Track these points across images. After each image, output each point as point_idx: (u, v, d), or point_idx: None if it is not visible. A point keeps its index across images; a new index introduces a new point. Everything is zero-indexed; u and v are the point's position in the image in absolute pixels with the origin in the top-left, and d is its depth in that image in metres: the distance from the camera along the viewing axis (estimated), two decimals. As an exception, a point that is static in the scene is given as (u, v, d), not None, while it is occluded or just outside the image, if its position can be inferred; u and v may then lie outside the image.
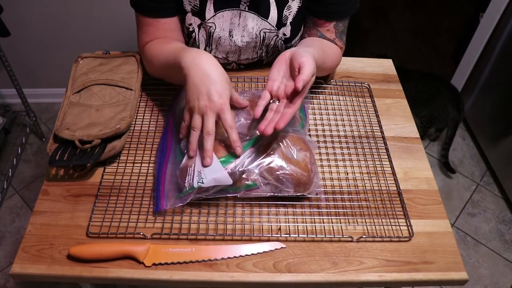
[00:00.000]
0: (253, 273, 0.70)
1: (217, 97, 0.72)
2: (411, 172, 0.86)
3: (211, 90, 0.72)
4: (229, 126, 0.73)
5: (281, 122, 0.71)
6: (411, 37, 2.73)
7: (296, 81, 0.71)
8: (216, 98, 0.72)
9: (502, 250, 1.72)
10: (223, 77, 0.75)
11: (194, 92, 0.73)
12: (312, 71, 0.73)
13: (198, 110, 0.73)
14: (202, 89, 0.73)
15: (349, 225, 0.76)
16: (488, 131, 2.01)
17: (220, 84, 0.73)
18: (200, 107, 0.73)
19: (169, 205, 0.74)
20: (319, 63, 0.82)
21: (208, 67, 0.75)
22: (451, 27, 2.77)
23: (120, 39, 1.86)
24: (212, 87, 0.73)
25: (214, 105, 0.72)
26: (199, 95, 0.73)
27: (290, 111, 0.73)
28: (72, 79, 0.93)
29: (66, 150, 0.80)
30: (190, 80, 0.74)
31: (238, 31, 0.94)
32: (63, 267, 0.69)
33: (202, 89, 0.73)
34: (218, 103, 0.72)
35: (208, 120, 0.72)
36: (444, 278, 0.72)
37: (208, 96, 0.72)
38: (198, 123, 0.73)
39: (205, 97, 0.72)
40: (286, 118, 0.72)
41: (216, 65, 0.76)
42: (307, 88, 0.74)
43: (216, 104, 0.72)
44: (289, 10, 0.93)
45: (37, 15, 1.80)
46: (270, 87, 0.77)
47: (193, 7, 0.91)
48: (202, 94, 0.73)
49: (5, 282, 1.54)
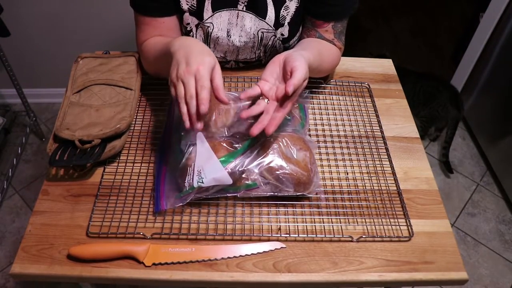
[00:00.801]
0: (253, 273, 0.70)
1: (195, 63, 0.70)
2: (411, 172, 0.86)
3: (189, 57, 0.71)
4: (201, 86, 0.70)
5: (270, 127, 0.71)
6: (411, 37, 2.73)
7: (287, 85, 0.70)
8: (195, 63, 0.70)
9: (502, 250, 1.72)
10: (205, 50, 0.74)
11: (174, 66, 0.72)
12: (304, 76, 0.73)
13: (177, 78, 0.71)
14: (182, 59, 0.72)
15: (349, 225, 0.76)
16: (488, 131, 2.01)
17: (201, 54, 0.72)
18: (179, 74, 0.71)
19: (169, 205, 0.74)
20: (314, 65, 0.82)
21: (191, 43, 0.74)
22: (451, 27, 2.77)
23: (120, 39, 1.86)
24: (191, 55, 0.71)
25: (191, 68, 0.70)
26: (178, 65, 0.72)
27: (280, 115, 0.73)
28: (72, 79, 0.93)
29: (66, 150, 0.80)
30: (174, 59, 0.74)
31: (236, 31, 0.94)
32: (63, 267, 0.69)
33: (181, 60, 0.72)
34: (195, 66, 0.70)
35: (188, 84, 0.70)
36: (444, 278, 0.72)
37: (187, 62, 0.71)
38: (181, 90, 0.71)
39: (184, 64, 0.71)
40: (275, 122, 0.72)
41: (199, 42, 0.75)
42: (298, 92, 0.74)
43: (193, 67, 0.70)
44: (286, 10, 0.93)
45: (37, 15, 1.80)
46: (261, 86, 0.76)
47: (190, 6, 0.91)
48: (181, 63, 0.71)
49: (5, 282, 1.54)
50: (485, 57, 2.03)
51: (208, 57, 0.72)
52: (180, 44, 0.76)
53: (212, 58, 0.73)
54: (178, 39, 0.78)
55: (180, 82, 0.71)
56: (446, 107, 1.94)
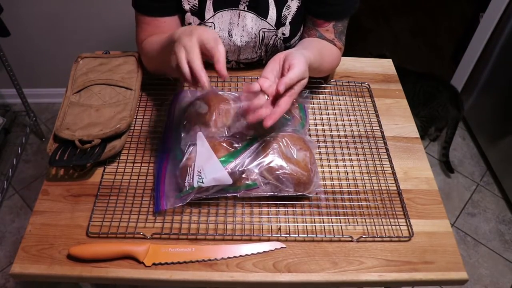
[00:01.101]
0: (253, 273, 0.70)
1: (199, 31, 0.71)
2: (411, 172, 0.86)
3: (193, 31, 0.71)
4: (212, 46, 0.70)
5: (269, 120, 0.70)
6: (411, 37, 2.73)
7: (278, 83, 0.70)
8: (198, 31, 0.70)
9: (502, 250, 1.72)
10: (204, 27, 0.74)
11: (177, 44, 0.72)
12: (300, 74, 0.72)
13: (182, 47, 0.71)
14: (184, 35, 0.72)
15: (349, 225, 0.76)
16: (488, 131, 2.01)
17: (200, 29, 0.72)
18: (183, 43, 0.70)
19: (169, 205, 0.74)
20: (315, 65, 0.82)
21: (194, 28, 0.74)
22: (451, 27, 2.77)
23: (120, 39, 1.86)
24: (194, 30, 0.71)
25: (194, 35, 0.70)
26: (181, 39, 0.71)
27: (279, 110, 0.72)
28: (72, 79, 0.93)
29: (66, 150, 0.80)
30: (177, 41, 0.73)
31: (237, 31, 0.94)
32: (63, 267, 0.69)
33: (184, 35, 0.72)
34: (199, 32, 0.70)
35: (192, 48, 0.69)
36: (444, 278, 0.72)
37: (190, 34, 0.71)
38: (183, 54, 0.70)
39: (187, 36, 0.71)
40: (274, 116, 0.72)
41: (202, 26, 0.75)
42: (297, 90, 0.73)
43: (196, 34, 0.70)
44: (288, 10, 0.93)
45: (37, 15, 1.80)
46: (261, 83, 0.76)
47: (192, 6, 0.91)
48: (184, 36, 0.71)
49: (5, 282, 1.54)
50: (485, 57, 2.03)
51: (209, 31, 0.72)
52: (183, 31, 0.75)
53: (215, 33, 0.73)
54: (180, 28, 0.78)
55: (182, 50, 0.70)
56: (446, 107, 1.94)
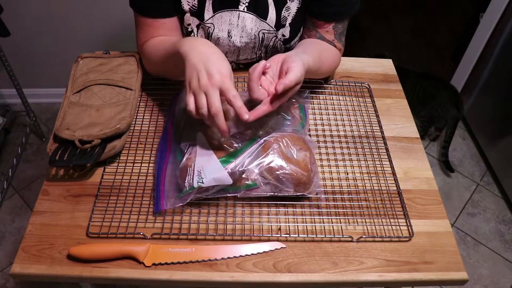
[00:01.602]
0: (253, 273, 0.70)
1: (217, 73, 0.71)
2: (411, 172, 0.86)
3: (210, 67, 0.71)
4: (233, 95, 0.70)
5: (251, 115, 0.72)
6: (411, 37, 2.73)
7: (277, 83, 0.71)
8: (216, 74, 0.71)
9: (502, 250, 1.72)
10: (220, 56, 0.74)
11: (193, 72, 0.72)
12: (298, 78, 0.73)
13: (200, 88, 0.71)
14: (201, 67, 0.72)
15: (349, 225, 0.76)
16: (488, 131, 2.01)
17: (218, 62, 0.72)
18: (202, 85, 0.71)
19: (169, 205, 0.74)
20: (314, 69, 0.82)
21: (204, 48, 0.74)
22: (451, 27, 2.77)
23: (120, 39, 1.86)
24: (210, 64, 0.71)
25: (215, 80, 0.70)
26: (198, 74, 0.72)
27: (264, 108, 0.74)
28: (72, 79, 0.93)
29: (66, 150, 0.80)
30: (189, 62, 0.74)
31: (236, 32, 0.94)
32: (63, 267, 0.69)
33: (200, 68, 0.72)
34: (218, 78, 0.70)
35: (213, 96, 0.70)
36: (444, 278, 0.72)
37: (208, 72, 0.71)
38: (203, 102, 0.71)
39: (205, 74, 0.71)
40: (256, 113, 0.73)
41: (212, 46, 0.76)
42: (288, 94, 0.74)
43: (216, 79, 0.70)
44: (287, 11, 0.93)
45: (37, 15, 1.80)
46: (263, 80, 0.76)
47: (191, 7, 0.91)
48: (201, 72, 0.71)
49: (5, 282, 1.54)
50: (485, 57, 2.02)
51: (226, 63, 0.73)
52: (190, 45, 0.76)
53: (228, 63, 0.74)
54: (185, 40, 0.78)
55: (202, 93, 0.71)
56: (446, 107, 1.94)
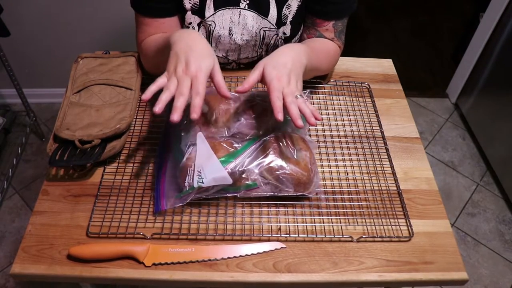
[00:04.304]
0: (253, 273, 0.70)
1: (195, 66, 0.71)
2: (411, 172, 0.86)
3: (190, 59, 0.71)
4: (196, 91, 0.70)
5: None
6: (411, 37, 2.74)
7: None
8: (194, 66, 0.71)
9: (502, 250, 1.72)
10: (205, 51, 0.74)
11: (173, 59, 0.73)
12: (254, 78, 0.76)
13: (175, 74, 0.71)
14: (182, 57, 0.72)
15: (349, 225, 0.76)
16: (488, 131, 2.01)
17: (201, 56, 0.72)
18: (177, 72, 0.71)
19: (169, 205, 0.74)
20: (309, 67, 0.83)
21: (192, 40, 0.74)
22: (451, 27, 2.77)
23: (120, 39, 1.86)
24: (191, 56, 0.72)
25: (190, 71, 0.71)
26: (177, 62, 0.72)
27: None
28: (72, 79, 0.93)
29: (66, 150, 0.80)
30: (173, 50, 0.74)
31: (238, 30, 0.94)
32: (63, 267, 0.69)
33: (181, 57, 0.72)
34: (194, 70, 0.71)
35: (183, 83, 0.70)
36: (444, 278, 0.72)
37: (186, 61, 0.71)
38: (173, 86, 0.70)
39: (183, 63, 0.71)
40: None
41: (201, 39, 0.75)
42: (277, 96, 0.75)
43: (191, 71, 0.70)
44: (288, 9, 0.93)
45: (37, 15, 1.80)
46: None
47: (193, 5, 0.91)
48: (181, 62, 0.72)
49: (5, 282, 1.54)
50: (485, 57, 2.02)
51: (207, 59, 0.72)
52: (181, 35, 0.76)
53: (211, 59, 0.73)
54: (177, 31, 0.78)
55: (175, 79, 0.71)
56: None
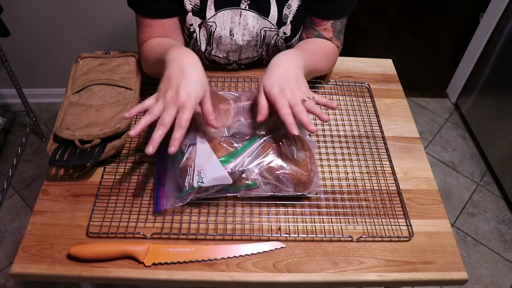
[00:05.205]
0: (253, 273, 0.70)
1: (184, 94, 0.70)
2: (411, 172, 0.86)
3: (180, 85, 0.71)
4: (179, 124, 0.69)
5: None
6: (411, 37, 2.74)
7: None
8: (183, 94, 0.70)
9: (502, 250, 1.72)
10: (198, 78, 0.73)
11: (165, 83, 0.73)
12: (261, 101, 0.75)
13: (163, 101, 0.71)
14: (173, 82, 0.72)
15: (349, 225, 0.76)
16: (488, 131, 2.01)
17: (193, 84, 0.72)
18: (166, 98, 0.71)
19: (169, 205, 0.74)
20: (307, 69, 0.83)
21: (186, 64, 0.74)
22: (451, 27, 2.77)
23: (120, 39, 1.86)
24: (183, 83, 0.71)
25: (178, 99, 0.70)
26: (168, 88, 0.72)
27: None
28: (72, 79, 0.93)
29: (66, 150, 0.80)
30: (166, 72, 0.74)
31: (238, 30, 0.94)
32: (63, 267, 0.69)
33: (173, 82, 0.72)
34: (182, 99, 0.70)
35: (168, 112, 0.70)
36: (444, 278, 0.72)
37: (177, 90, 0.71)
38: (156, 110, 0.70)
39: (173, 90, 0.71)
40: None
41: (195, 65, 0.75)
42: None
43: (180, 99, 0.70)
44: (289, 8, 0.93)
45: (37, 15, 1.80)
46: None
47: (193, 6, 0.91)
48: (171, 87, 0.71)
49: (5, 282, 1.54)
50: (485, 57, 2.02)
51: (198, 87, 0.72)
52: (177, 57, 0.75)
53: (202, 87, 0.73)
54: (174, 49, 0.78)
55: (162, 105, 0.71)
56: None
